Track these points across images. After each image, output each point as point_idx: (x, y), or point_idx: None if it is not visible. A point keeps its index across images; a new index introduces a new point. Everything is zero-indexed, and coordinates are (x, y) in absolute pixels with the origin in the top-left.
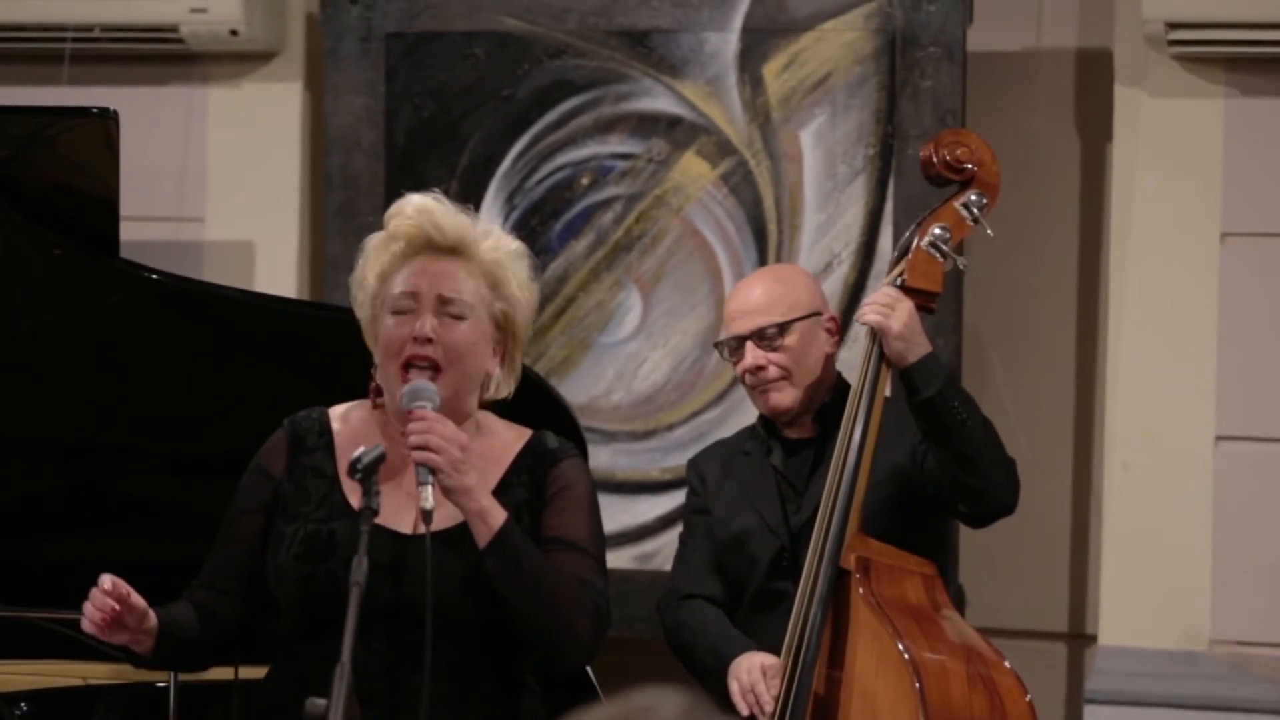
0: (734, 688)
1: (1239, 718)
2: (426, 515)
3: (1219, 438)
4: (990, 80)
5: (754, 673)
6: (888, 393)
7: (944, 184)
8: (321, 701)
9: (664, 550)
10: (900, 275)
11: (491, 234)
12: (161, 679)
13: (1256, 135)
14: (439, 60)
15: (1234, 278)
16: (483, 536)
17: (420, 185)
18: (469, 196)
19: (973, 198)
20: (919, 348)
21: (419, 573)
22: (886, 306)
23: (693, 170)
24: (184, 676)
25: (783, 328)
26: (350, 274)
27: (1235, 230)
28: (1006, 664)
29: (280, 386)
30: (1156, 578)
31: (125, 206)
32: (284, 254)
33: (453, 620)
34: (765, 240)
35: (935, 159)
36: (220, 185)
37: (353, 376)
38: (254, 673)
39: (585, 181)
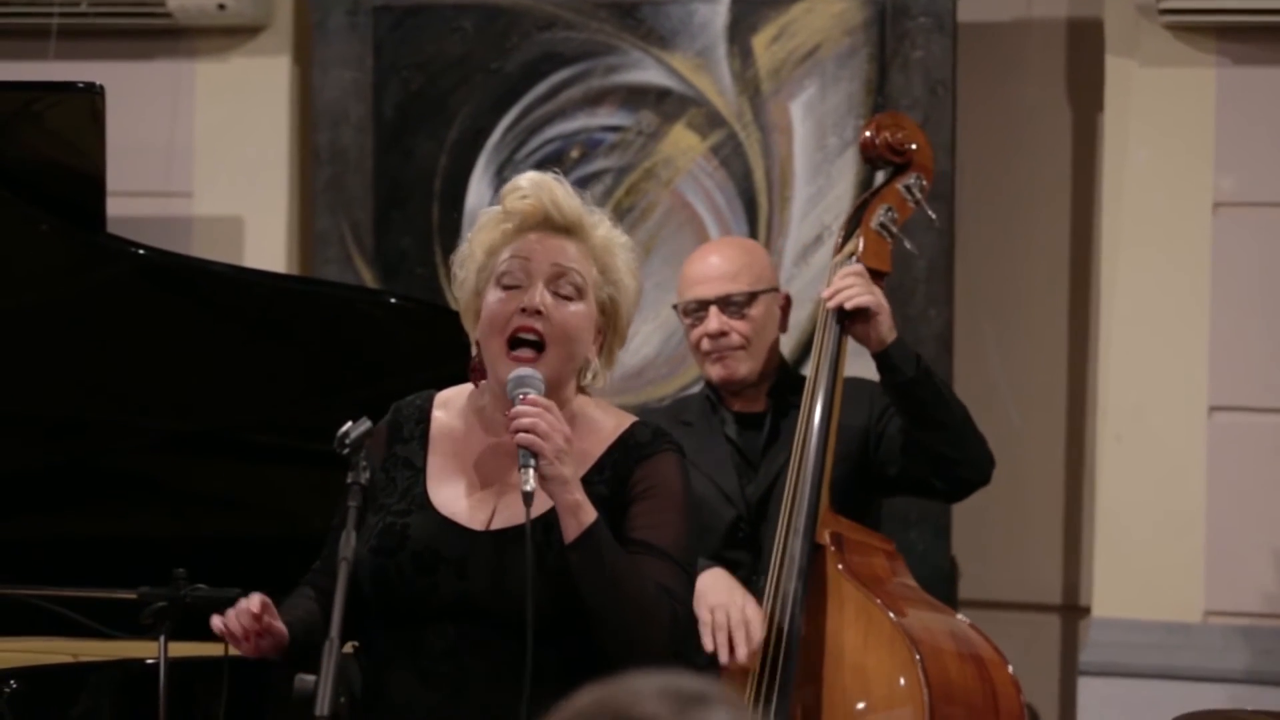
0: (705, 617)
1: (1233, 689)
2: (527, 497)
3: (1212, 408)
4: (981, 51)
5: (735, 615)
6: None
7: (883, 166)
8: (310, 678)
9: None
10: (853, 255)
11: (603, 222)
12: (151, 656)
13: (1248, 104)
14: (427, 33)
15: (1226, 247)
16: (571, 530)
17: (409, 159)
18: (459, 170)
19: (911, 180)
20: (894, 329)
21: (484, 570)
22: (867, 289)
23: (682, 142)
24: (173, 653)
25: (750, 297)
26: (335, 248)
27: (1227, 200)
28: (986, 639)
29: (269, 362)
30: (1150, 549)
31: (112, 181)
32: (273, 229)
33: (520, 616)
34: (755, 212)
35: (877, 141)
36: (208, 160)
37: (341, 352)
38: None
39: (575, 154)
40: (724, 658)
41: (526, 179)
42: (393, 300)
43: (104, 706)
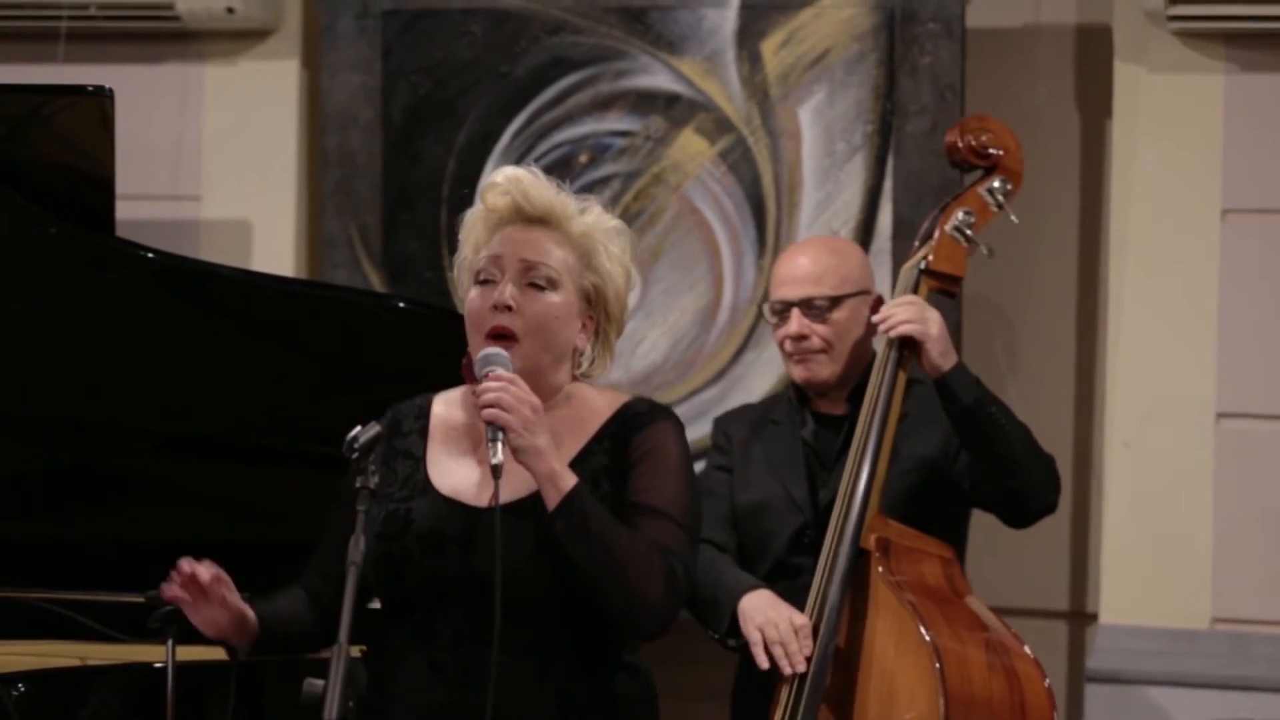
0: (755, 637)
1: (1240, 696)
2: (495, 470)
3: (1220, 415)
4: (989, 56)
5: (784, 627)
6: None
7: (968, 169)
8: (319, 682)
9: None
10: (924, 259)
11: (589, 210)
12: (158, 659)
13: (1257, 111)
14: (436, 37)
15: (1234, 254)
16: (551, 499)
17: (417, 163)
18: (467, 174)
19: (996, 184)
20: (952, 355)
21: (491, 546)
22: (919, 318)
23: (691, 147)
24: (181, 657)
25: (834, 301)
26: (343, 252)
27: (1236, 207)
28: (1026, 649)
29: (277, 365)
30: (1158, 556)
31: (121, 185)
32: (281, 232)
33: (524, 593)
34: (764, 217)
35: (961, 144)
36: (217, 163)
37: (349, 356)
38: None
39: (583, 159)
40: (785, 670)
41: (502, 174)
42: (400, 304)
43: (111, 710)
